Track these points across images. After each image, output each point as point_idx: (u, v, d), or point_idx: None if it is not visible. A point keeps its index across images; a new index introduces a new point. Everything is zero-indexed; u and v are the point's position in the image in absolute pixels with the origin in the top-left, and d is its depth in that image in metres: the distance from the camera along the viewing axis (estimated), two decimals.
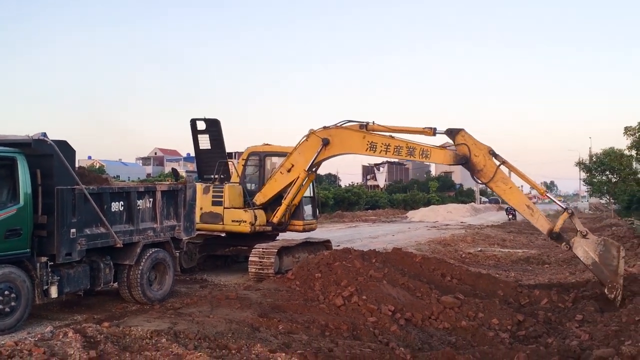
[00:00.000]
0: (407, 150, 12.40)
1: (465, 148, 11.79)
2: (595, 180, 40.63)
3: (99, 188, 9.58)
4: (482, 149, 11.77)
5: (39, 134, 8.72)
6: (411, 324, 8.97)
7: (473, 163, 11.79)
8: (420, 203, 64.74)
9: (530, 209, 11.56)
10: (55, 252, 8.67)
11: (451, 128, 11.99)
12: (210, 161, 14.69)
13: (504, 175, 11.77)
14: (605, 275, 10.60)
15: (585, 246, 10.83)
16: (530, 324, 9.14)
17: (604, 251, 10.70)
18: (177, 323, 7.60)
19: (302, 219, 14.66)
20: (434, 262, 12.66)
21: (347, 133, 12.99)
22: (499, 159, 11.75)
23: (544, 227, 11.50)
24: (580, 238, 10.91)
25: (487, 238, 26.74)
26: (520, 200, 11.75)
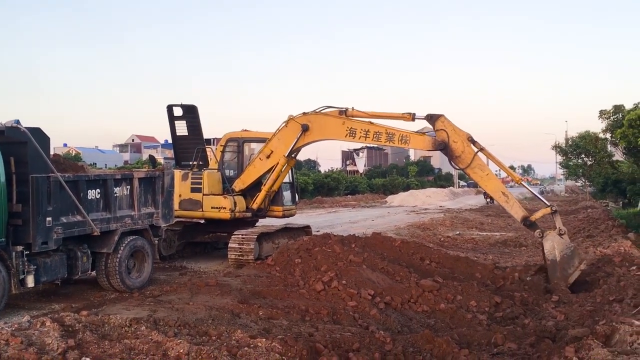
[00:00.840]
0: (386, 136, 12.43)
1: (444, 134, 11.85)
2: (571, 163, 41.14)
3: (74, 176, 9.44)
4: (461, 136, 11.85)
5: (12, 122, 8.54)
6: (391, 308, 9.05)
7: (452, 149, 11.86)
8: (399, 188, 65.08)
9: (506, 195, 11.75)
10: (31, 241, 8.54)
11: (431, 114, 12.04)
12: (188, 148, 14.55)
13: (481, 162, 11.89)
14: (556, 276, 10.86)
15: (556, 243, 11.09)
16: (508, 306, 9.29)
17: (568, 256, 10.98)
18: (157, 310, 7.57)
19: (282, 205, 14.65)
20: (413, 246, 12.79)
21: (327, 119, 12.99)
22: (477, 146, 11.84)
23: (518, 214, 11.71)
24: (556, 234, 11.13)
25: (465, 222, 27.03)
26: (496, 187, 11.96)
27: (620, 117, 23.09)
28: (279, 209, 14.63)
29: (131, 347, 5.89)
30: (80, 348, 5.79)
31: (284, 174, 14.12)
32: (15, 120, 8.61)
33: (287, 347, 6.15)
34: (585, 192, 51.00)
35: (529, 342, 7.16)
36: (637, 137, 18.10)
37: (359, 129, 12.59)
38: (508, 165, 78.82)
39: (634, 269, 10.93)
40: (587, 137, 34.94)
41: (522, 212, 11.65)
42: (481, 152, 11.85)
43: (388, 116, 12.72)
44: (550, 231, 11.26)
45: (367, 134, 12.55)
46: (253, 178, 13.91)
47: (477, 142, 11.86)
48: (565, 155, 41.72)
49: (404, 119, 12.43)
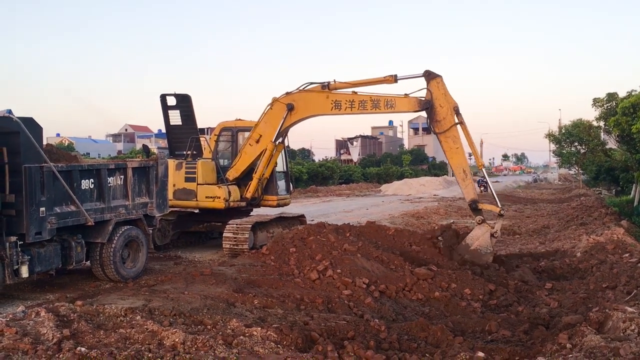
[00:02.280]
0: (371, 104, 12.42)
1: (434, 94, 11.86)
2: (564, 151, 41.24)
3: (68, 166, 9.39)
4: (450, 102, 11.88)
5: (4, 111, 8.48)
6: (385, 296, 9.09)
7: (436, 111, 11.90)
8: (393, 177, 65.08)
9: (465, 174, 11.93)
10: (24, 232, 8.50)
11: (430, 71, 12.00)
12: (182, 137, 14.49)
13: (457, 134, 11.91)
14: (459, 254, 11.53)
15: (483, 237, 11.60)
16: (502, 293, 9.35)
17: (480, 253, 11.50)
18: (152, 300, 7.57)
19: (276, 194, 14.61)
20: (407, 235, 12.80)
21: (311, 95, 12.97)
22: (459, 118, 11.86)
23: (469, 195, 11.99)
24: (489, 232, 11.61)
25: (459, 210, 27.10)
26: (461, 163, 12.03)
27: (614, 105, 23.15)
28: (273, 198, 14.59)
29: (126, 337, 5.89)
30: (75, 338, 5.79)
31: (273, 160, 14.10)
32: (7, 110, 8.55)
33: (283, 335, 6.17)
34: (578, 180, 51.23)
35: (522, 330, 7.22)
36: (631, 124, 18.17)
37: (343, 100, 12.59)
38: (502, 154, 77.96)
39: (627, 256, 11.03)
40: (580, 125, 35.00)
41: (473, 195, 11.96)
42: (460, 126, 11.87)
43: (370, 82, 12.66)
44: (489, 226, 11.67)
45: (352, 105, 12.56)
46: (245, 165, 13.88)
47: (461, 115, 11.88)
48: (558, 144, 41.80)
49: (386, 82, 12.40)
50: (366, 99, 12.45)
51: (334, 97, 12.66)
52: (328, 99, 12.72)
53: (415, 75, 12.17)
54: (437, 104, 11.84)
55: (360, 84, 12.68)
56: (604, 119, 24.65)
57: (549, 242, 16.06)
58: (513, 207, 30.11)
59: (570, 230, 17.49)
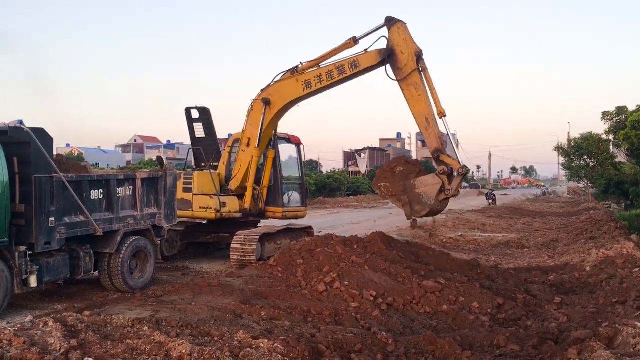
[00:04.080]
0: (337, 71, 12.37)
1: (394, 40, 11.74)
2: (573, 164, 41.14)
3: (77, 176, 9.46)
4: (411, 48, 11.66)
5: (16, 122, 8.57)
6: (393, 309, 9.04)
7: (397, 59, 11.73)
8: None
9: (428, 122, 11.63)
10: (34, 241, 8.55)
11: (391, 17, 11.87)
12: (206, 149, 14.62)
13: (418, 80, 11.65)
14: (400, 192, 11.47)
15: (431, 187, 11.35)
16: (510, 307, 9.27)
17: (421, 201, 11.37)
18: (159, 311, 7.57)
19: (281, 206, 14.38)
20: (415, 247, 12.76)
21: (282, 83, 13.08)
22: (421, 65, 11.65)
23: (432, 144, 11.65)
24: (439, 185, 11.32)
25: (467, 223, 27.00)
26: (423, 110, 11.69)
27: (624, 119, 23.08)
28: (277, 210, 14.36)
29: (134, 348, 5.89)
30: (83, 348, 5.80)
31: (268, 168, 14.07)
32: (18, 120, 8.65)
33: (290, 348, 6.15)
34: (587, 194, 50.92)
35: (531, 344, 7.15)
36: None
37: (311, 77, 12.63)
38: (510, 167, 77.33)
39: (637, 271, 10.93)
40: (589, 138, 34.91)
41: (436, 144, 11.60)
42: (422, 73, 11.65)
43: (333, 52, 12.60)
44: (444, 180, 11.36)
45: (320, 79, 12.57)
46: (243, 172, 13.86)
47: (423, 62, 11.67)
48: (567, 157, 41.73)
49: (348, 46, 12.36)
50: (331, 68, 12.44)
51: (303, 78, 12.73)
52: (298, 81, 12.80)
53: (377, 28, 12.02)
54: (398, 51, 11.64)
55: (325, 57, 12.65)
56: (614, 133, 24.58)
57: (558, 255, 15.95)
58: (522, 220, 29.96)
59: (579, 244, 17.37)
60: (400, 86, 11.84)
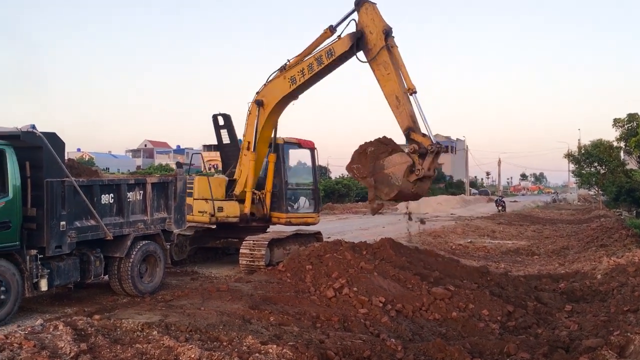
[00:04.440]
0: (316, 63, 12.39)
1: (362, 22, 11.63)
2: (584, 172, 40.90)
3: (88, 180, 9.52)
4: (379, 27, 11.44)
5: (28, 126, 8.66)
6: (402, 316, 9.01)
7: (367, 40, 11.56)
8: None
9: (398, 101, 11.26)
10: (45, 245, 8.61)
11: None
12: (232, 155, 14.69)
13: (387, 59, 11.40)
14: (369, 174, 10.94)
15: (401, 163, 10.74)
16: (520, 315, 9.21)
17: (389, 179, 10.78)
18: (168, 315, 7.59)
19: (285, 211, 14.25)
20: (424, 254, 12.72)
21: (272, 83, 13.19)
22: (390, 42, 11.40)
23: (404, 122, 11.15)
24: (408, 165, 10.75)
25: (477, 229, 26.89)
26: (393, 89, 11.37)
27: (635, 126, 22.96)
28: (281, 215, 14.26)
29: (143, 352, 5.91)
30: (93, 352, 5.83)
31: (270, 173, 14.08)
32: (31, 125, 8.73)
33: (298, 353, 6.14)
34: (598, 201, 50.58)
35: (542, 352, 7.09)
36: None
37: (295, 73, 12.69)
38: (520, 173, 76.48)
39: None
40: (600, 145, 34.70)
41: (408, 122, 11.08)
42: (392, 50, 11.39)
43: (313, 45, 12.57)
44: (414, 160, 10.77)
45: (303, 72, 12.63)
46: (245, 177, 13.89)
47: (392, 39, 11.42)
48: (578, 164, 41.50)
49: (326, 36, 12.34)
50: (311, 60, 12.48)
51: (289, 74, 12.81)
52: (285, 78, 12.90)
53: (349, 13, 11.94)
54: (367, 32, 11.48)
55: (307, 52, 12.66)
56: (625, 140, 24.44)
57: (568, 263, 15.84)
58: (531, 227, 29.80)
59: (590, 252, 17.25)
60: (371, 67, 11.62)
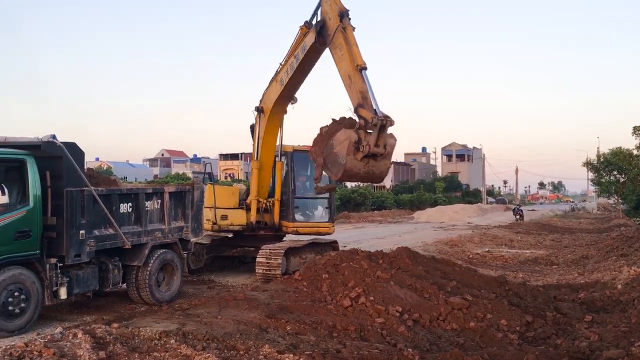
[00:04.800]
0: (294, 59, 12.37)
1: (323, 10, 11.48)
2: (603, 180, 40.46)
3: (107, 190, 9.62)
4: (335, 10, 11.14)
5: (49, 136, 8.77)
6: (419, 325, 8.96)
7: (327, 27, 11.32)
8: (426, 203, 64.58)
9: (350, 80, 10.77)
10: (64, 254, 8.70)
11: None
12: None
13: (342, 41, 11.03)
14: (320, 155, 10.45)
15: (345, 140, 10.08)
16: (539, 325, 9.11)
17: (336, 158, 10.17)
18: (186, 324, 7.63)
19: (291, 220, 14.12)
20: (441, 263, 12.64)
21: (268, 89, 13.31)
22: (344, 23, 11.03)
23: (354, 100, 10.61)
24: (355, 136, 10.13)
25: (494, 238, 26.67)
26: (346, 69, 10.93)
27: None
28: (288, 224, 14.13)
29: None
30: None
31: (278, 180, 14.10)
32: (51, 135, 8.84)
33: None
34: (618, 210, 49.91)
35: None
36: None
37: (281, 73, 12.81)
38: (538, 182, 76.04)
39: None
40: (620, 153, 34.32)
41: (358, 99, 10.50)
42: (346, 31, 11.01)
43: (295, 45, 12.43)
44: (361, 136, 10.10)
45: (287, 72, 12.68)
46: (254, 185, 13.96)
47: (347, 20, 11.05)
48: (597, 172, 41.09)
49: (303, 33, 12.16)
50: (291, 59, 12.47)
51: (279, 77, 12.92)
52: (276, 82, 13.01)
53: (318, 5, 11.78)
54: (327, 19, 11.32)
55: (292, 51, 12.59)
56: None
57: (588, 273, 15.64)
58: (550, 236, 29.49)
59: (610, 262, 17.00)
60: (330, 52, 11.34)
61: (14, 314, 8.09)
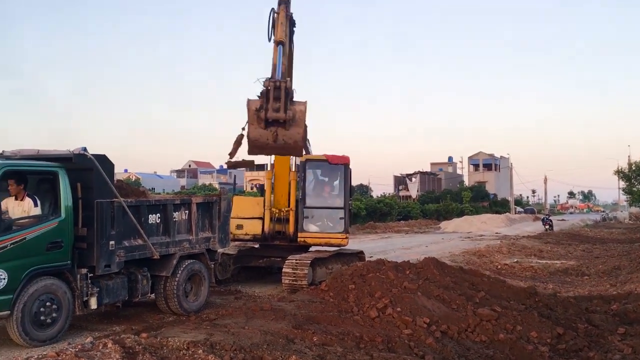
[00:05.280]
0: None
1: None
2: (635, 189, 39.64)
3: (136, 201, 9.76)
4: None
5: (80, 149, 8.93)
6: (447, 337, 8.86)
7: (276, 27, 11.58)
8: (453, 213, 63.95)
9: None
10: (94, 264, 8.84)
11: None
12: None
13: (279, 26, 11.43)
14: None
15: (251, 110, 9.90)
16: (571, 337, 8.94)
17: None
18: (213, 334, 7.67)
19: (300, 230, 13.98)
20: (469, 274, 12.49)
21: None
22: (281, 8, 11.56)
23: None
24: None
25: (523, 249, 26.28)
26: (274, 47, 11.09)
27: None
28: (303, 234, 14.01)
29: None
30: None
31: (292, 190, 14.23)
32: (82, 147, 8.99)
33: None
34: None
35: None
36: None
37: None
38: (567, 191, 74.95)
39: None
40: None
41: (271, 72, 10.46)
42: (278, 16, 11.49)
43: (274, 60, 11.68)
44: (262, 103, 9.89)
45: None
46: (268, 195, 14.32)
47: (283, 5, 11.55)
48: (628, 181, 40.29)
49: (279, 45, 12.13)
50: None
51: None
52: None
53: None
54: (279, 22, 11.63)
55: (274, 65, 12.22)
56: None
57: (620, 284, 15.31)
58: (580, 246, 28.94)
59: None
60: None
61: (46, 323, 8.23)
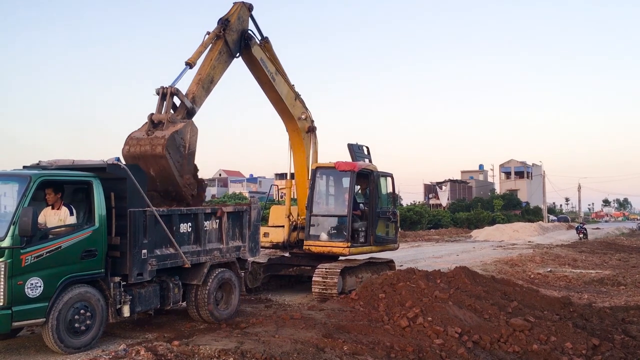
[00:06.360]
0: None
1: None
2: None
3: (168, 210, 9.89)
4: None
5: (113, 159, 9.11)
6: (479, 347, 8.74)
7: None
8: (484, 222, 63.12)
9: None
10: (127, 272, 8.96)
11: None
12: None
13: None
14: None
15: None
16: (607, 349, 8.74)
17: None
18: (244, 342, 7.69)
19: (306, 238, 13.79)
20: (501, 283, 12.32)
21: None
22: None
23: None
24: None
25: (556, 258, 25.79)
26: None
27: None
28: (308, 242, 13.77)
29: None
30: None
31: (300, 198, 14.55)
32: (115, 157, 9.18)
33: None
34: None
35: None
36: None
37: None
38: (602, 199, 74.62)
39: None
40: None
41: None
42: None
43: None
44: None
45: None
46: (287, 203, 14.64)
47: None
48: None
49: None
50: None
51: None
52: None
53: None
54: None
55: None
56: None
57: None
58: (616, 255, 28.26)
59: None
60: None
61: (80, 331, 8.37)
